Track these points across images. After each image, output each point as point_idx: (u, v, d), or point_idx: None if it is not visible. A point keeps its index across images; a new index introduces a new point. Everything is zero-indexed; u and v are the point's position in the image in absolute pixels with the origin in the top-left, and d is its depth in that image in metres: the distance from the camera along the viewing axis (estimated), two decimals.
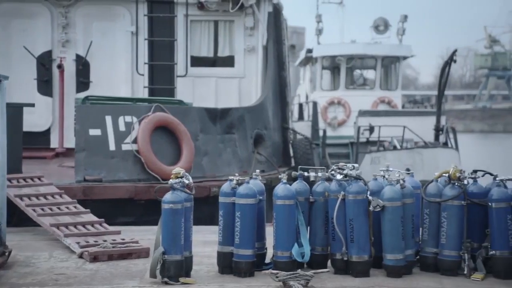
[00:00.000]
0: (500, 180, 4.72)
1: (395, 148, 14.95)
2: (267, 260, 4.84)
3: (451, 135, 15.42)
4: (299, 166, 5.12)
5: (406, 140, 15.27)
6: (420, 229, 4.89)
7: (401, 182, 4.73)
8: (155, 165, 7.62)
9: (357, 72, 20.96)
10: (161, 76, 10.19)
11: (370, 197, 4.63)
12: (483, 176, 4.90)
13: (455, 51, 14.70)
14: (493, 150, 37.16)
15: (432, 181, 4.85)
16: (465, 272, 4.59)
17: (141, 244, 5.32)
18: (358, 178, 4.68)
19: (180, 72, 10.02)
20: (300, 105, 20.09)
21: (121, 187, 7.36)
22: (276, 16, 10.35)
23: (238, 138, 8.83)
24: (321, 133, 16.82)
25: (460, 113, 68.67)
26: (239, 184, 4.71)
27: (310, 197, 4.83)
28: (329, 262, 4.81)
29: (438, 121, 15.30)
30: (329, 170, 4.84)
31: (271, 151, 9.56)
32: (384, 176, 4.91)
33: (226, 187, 4.75)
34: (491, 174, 4.82)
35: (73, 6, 10.31)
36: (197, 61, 10.58)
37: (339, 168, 4.80)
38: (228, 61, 10.66)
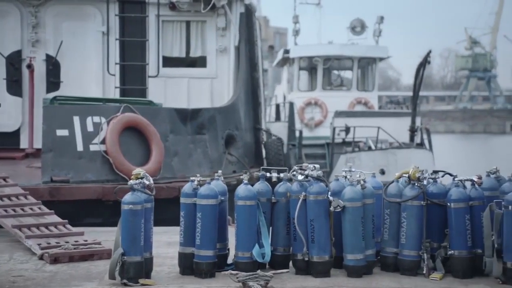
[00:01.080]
0: (459, 181, 4.76)
1: (370, 148, 15.04)
2: (229, 261, 4.84)
3: (425, 136, 15.55)
4: (261, 167, 5.13)
5: (381, 141, 15.36)
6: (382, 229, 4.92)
7: (362, 182, 4.76)
8: (124, 165, 7.58)
9: (334, 73, 21.05)
10: (132, 76, 10.14)
11: (330, 198, 4.66)
12: (442, 176, 4.94)
13: (429, 52, 14.84)
14: (473, 151, 37.52)
15: (392, 181, 4.88)
16: (424, 271, 4.63)
17: (104, 245, 5.29)
18: (319, 178, 4.69)
19: (151, 72, 9.98)
20: (277, 106, 20.12)
21: (89, 188, 7.32)
22: (248, 17, 10.35)
23: (209, 138, 8.81)
24: (297, 133, 16.86)
25: (442, 114, 69.21)
26: (201, 185, 4.71)
27: (272, 197, 4.84)
28: (291, 263, 4.82)
29: (413, 122, 15.43)
30: (291, 171, 4.85)
31: (242, 151, 9.56)
32: (345, 177, 4.93)
33: (187, 188, 4.76)
34: (451, 175, 4.87)
35: (43, 5, 10.22)
36: (169, 62, 10.54)
37: (300, 169, 4.81)
38: (200, 62, 10.64)
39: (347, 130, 15.83)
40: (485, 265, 4.52)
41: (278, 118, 19.82)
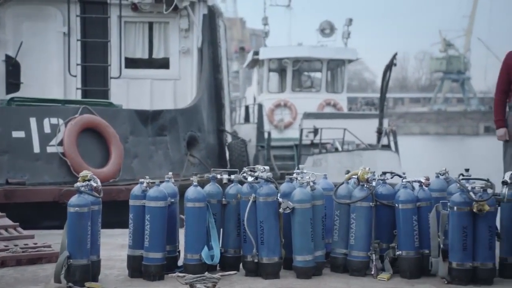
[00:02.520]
0: (407, 182, 4.80)
1: (336, 150, 15.11)
2: (180, 263, 4.82)
3: (392, 138, 15.66)
4: (212, 169, 5.12)
5: (348, 143, 15.45)
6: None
7: (311, 184, 4.77)
8: (82, 167, 7.49)
9: (305, 74, 21.13)
10: (94, 77, 10.05)
11: (280, 199, 4.66)
12: (392, 178, 4.98)
13: (395, 54, 14.96)
14: (447, 152, 37.90)
15: (342, 183, 4.91)
16: (373, 272, 4.66)
17: (54, 248, 5.22)
18: (268, 180, 4.70)
19: (114, 73, 9.91)
20: (247, 108, 20.14)
21: (45, 190, 7.24)
22: (211, 18, 10.34)
23: (170, 140, 8.78)
24: (266, 135, 16.87)
25: (417, 116, 69.93)
26: (150, 186, 4.69)
27: (223, 199, 4.83)
28: (241, 264, 4.81)
29: (380, 123, 15.54)
30: (241, 173, 4.85)
31: (205, 153, 9.54)
32: (296, 178, 4.94)
33: (136, 189, 4.73)
34: (400, 176, 4.91)
35: (2, 5, 10.06)
36: (131, 63, 10.48)
37: (251, 171, 4.82)
38: (163, 63, 10.60)
39: (315, 131, 15.90)
40: (431, 265, 4.56)
41: (247, 119, 19.85)
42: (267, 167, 4.79)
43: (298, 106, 18.96)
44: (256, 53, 20.06)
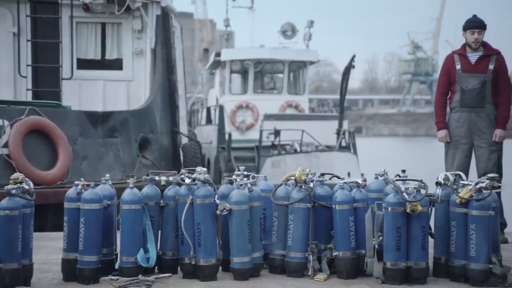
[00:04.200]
0: (344, 183, 4.82)
1: (295, 151, 15.17)
2: (117, 266, 4.76)
3: (350, 139, 15.76)
4: (150, 170, 5.08)
5: (307, 144, 15.52)
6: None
7: (249, 185, 4.76)
8: (28, 170, 7.38)
9: (268, 76, 21.15)
10: (45, 78, 9.87)
11: (217, 201, 4.64)
12: (330, 179, 5.00)
13: (354, 56, 15.10)
14: (415, 153, 38.23)
15: (281, 184, 4.91)
16: (310, 273, 4.67)
17: None
18: (206, 182, 4.68)
19: (65, 74, 9.77)
20: (208, 109, 20.08)
21: None
22: (164, 19, 10.26)
23: (121, 142, 8.69)
24: (227, 136, 16.84)
25: (386, 117, 70.61)
26: (85, 189, 4.63)
27: (161, 201, 4.80)
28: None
29: (340, 125, 15.65)
30: (179, 174, 4.82)
31: (158, 155, 9.46)
32: (235, 180, 4.93)
33: (71, 192, 4.67)
34: (338, 177, 4.93)
35: None
36: (84, 64, 10.35)
37: (188, 172, 4.79)
38: (116, 64, 10.49)
39: (276, 133, 15.92)
40: (367, 265, 4.59)
41: (209, 121, 19.79)
42: (204, 169, 4.77)
43: (260, 108, 18.96)
44: (218, 54, 20.01)
